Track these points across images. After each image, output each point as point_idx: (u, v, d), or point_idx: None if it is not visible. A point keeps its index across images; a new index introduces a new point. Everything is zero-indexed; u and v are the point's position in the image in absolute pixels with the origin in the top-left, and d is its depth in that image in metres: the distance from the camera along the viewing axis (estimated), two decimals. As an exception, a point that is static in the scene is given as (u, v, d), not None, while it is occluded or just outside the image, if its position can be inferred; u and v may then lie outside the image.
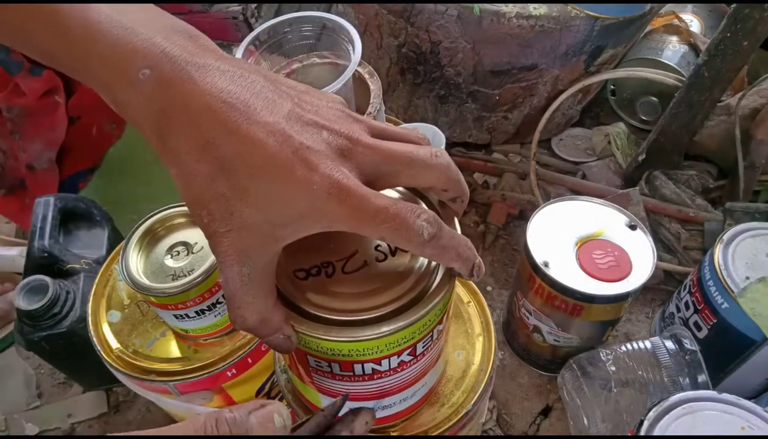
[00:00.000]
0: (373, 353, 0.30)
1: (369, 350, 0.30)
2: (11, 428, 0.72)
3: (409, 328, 0.29)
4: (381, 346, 0.30)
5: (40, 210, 0.65)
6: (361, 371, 0.32)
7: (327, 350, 0.30)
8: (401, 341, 0.30)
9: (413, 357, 0.32)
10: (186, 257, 0.45)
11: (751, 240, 0.64)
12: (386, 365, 0.32)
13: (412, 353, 0.32)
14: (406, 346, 0.31)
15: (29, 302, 0.59)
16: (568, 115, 1.01)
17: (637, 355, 0.63)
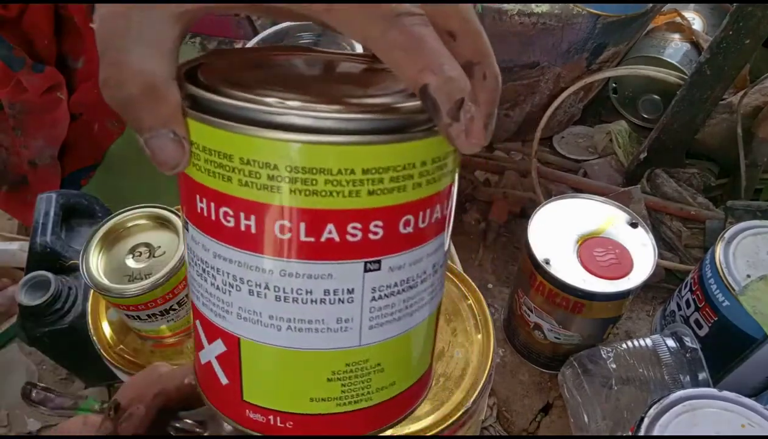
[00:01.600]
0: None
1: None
2: (13, 423, 0.72)
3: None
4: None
5: (42, 206, 0.65)
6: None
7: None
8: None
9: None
10: (147, 260, 0.45)
11: (752, 238, 0.64)
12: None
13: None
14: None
15: (31, 298, 0.59)
16: (570, 113, 1.01)
17: (637, 353, 0.63)
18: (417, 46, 0.18)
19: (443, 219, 0.23)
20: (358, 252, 0.20)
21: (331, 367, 0.21)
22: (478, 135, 0.19)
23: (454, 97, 0.18)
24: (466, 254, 0.88)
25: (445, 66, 0.18)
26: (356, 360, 0.21)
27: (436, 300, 0.24)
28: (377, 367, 0.22)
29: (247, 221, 0.19)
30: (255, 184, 0.18)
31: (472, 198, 0.95)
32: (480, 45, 0.20)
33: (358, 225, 0.19)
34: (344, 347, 0.21)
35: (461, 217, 0.93)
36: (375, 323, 0.21)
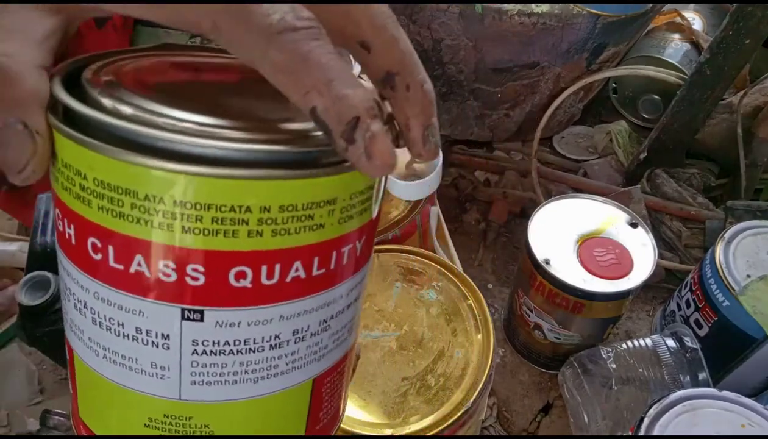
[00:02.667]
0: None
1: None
2: (13, 423, 0.72)
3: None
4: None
5: (42, 206, 0.65)
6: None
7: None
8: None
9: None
10: None
11: (752, 238, 0.64)
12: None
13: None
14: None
15: (32, 298, 0.59)
16: (570, 113, 1.01)
17: (637, 353, 0.63)
18: (300, 65, 0.16)
19: (329, 275, 0.18)
20: (174, 295, 0.17)
21: (147, 413, 0.19)
22: (383, 155, 0.16)
23: (346, 118, 0.16)
24: (466, 254, 0.88)
25: (333, 83, 0.16)
26: (176, 414, 0.19)
27: (322, 363, 0.20)
28: (204, 428, 0.19)
29: (69, 229, 0.17)
30: (72, 192, 0.17)
31: (472, 198, 0.95)
32: (397, 54, 0.18)
33: (171, 264, 0.16)
34: (161, 396, 0.18)
35: (461, 217, 0.93)
36: (198, 380, 0.18)
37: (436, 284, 0.52)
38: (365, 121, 0.16)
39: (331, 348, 0.20)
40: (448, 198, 0.95)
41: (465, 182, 0.96)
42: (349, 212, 0.18)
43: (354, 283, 0.20)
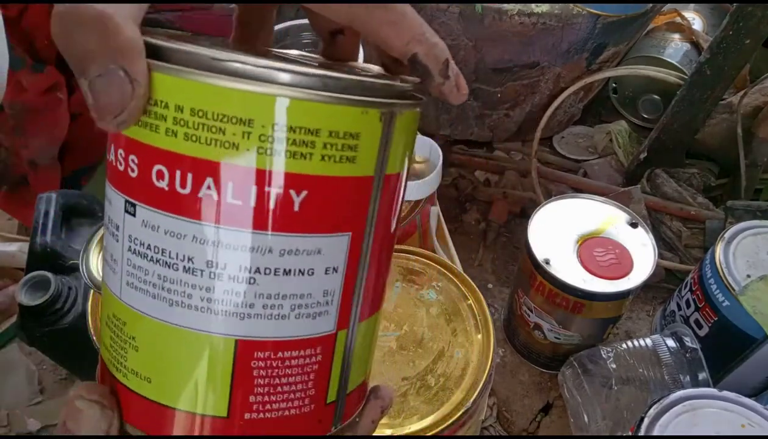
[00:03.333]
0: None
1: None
2: (13, 423, 0.72)
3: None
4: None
5: (42, 206, 0.65)
6: None
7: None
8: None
9: None
10: None
11: (752, 238, 0.64)
12: None
13: None
14: None
15: (31, 298, 0.59)
16: (570, 113, 1.01)
17: (637, 353, 0.63)
18: (401, 19, 0.20)
19: (261, 213, 0.17)
20: (120, 184, 0.18)
21: (107, 309, 0.20)
22: (464, 86, 0.21)
23: (441, 60, 0.20)
24: (466, 254, 0.88)
25: (426, 34, 0.20)
26: (115, 314, 0.19)
27: (249, 326, 0.18)
28: (132, 340, 0.19)
29: None
30: None
31: (472, 198, 0.95)
32: None
33: (121, 152, 0.18)
34: (112, 292, 0.19)
35: (461, 217, 0.93)
36: (128, 281, 0.18)
37: (436, 284, 0.52)
38: (450, 62, 0.21)
39: (265, 314, 0.18)
40: (448, 198, 0.95)
41: (465, 182, 0.96)
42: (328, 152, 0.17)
43: (322, 244, 0.18)
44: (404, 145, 0.20)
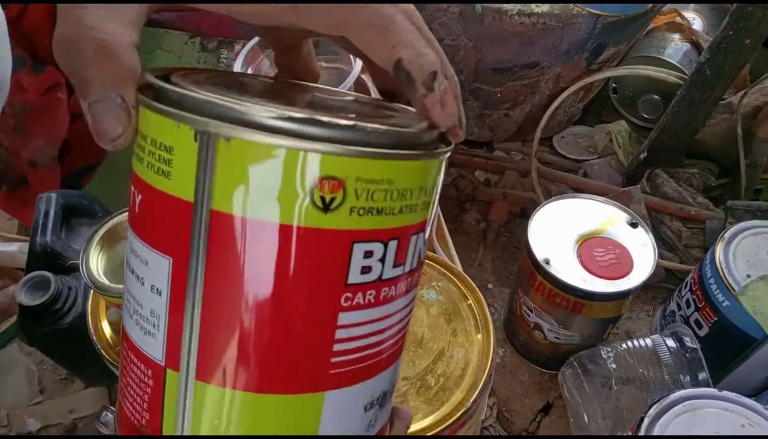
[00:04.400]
0: None
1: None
2: (13, 423, 0.72)
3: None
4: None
5: (42, 206, 0.65)
6: None
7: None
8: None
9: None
10: None
11: (752, 238, 0.64)
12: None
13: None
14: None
15: (31, 298, 0.59)
16: (570, 113, 1.01)
17: (637, 353, 0.63)
18: (388, 23, 0.19)
19: None
20: None
21: None
22: (452, 105, 0.20)
23: (428, 69, 0.19)
24: (466, 254, 0.88)
25: (415, 42, 0.19)
26: None
27: None
28: None
29: None
30: None
31: (472, 198, 0.95)
32: (437, 49, 0.21)
33: None
34: None
35: (461, 217, 0.93)
36: None
37: (436, 284, 0.52)
38: (440, 75, 0.19)
39: (127, 307, 0.20)
40: (448, 198, 0.95)
41: (465, 182, 0.96)
42: None
43: (149, 256, 0.19)
44: (260, 187, 0.16)
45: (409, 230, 0.19)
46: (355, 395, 0.20)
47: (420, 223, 0.20)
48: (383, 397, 0.21)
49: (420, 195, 0.19)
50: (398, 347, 0.22)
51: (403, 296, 0.20)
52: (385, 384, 0.21)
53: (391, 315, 0.20)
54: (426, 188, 0.19)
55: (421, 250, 0.21)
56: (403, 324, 0.21)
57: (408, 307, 0.21)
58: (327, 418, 0.19)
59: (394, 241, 0.19)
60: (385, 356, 0.21)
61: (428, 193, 0.19)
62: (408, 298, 0.21)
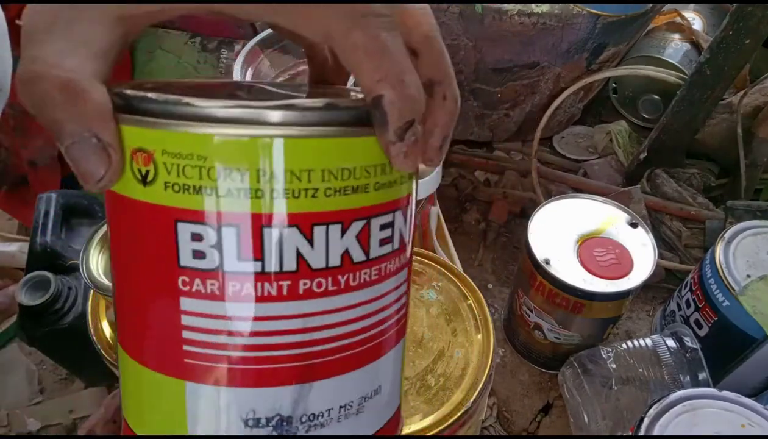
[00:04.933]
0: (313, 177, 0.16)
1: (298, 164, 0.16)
2: (13, 423, 0.72)
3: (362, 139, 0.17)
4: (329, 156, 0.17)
5: (42, 206, 0.65)
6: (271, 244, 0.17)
7: (200, 169, 0.16)
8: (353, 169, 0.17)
9: (391, 238, 0.19)
10: None
11: (752, 238, 0.64)
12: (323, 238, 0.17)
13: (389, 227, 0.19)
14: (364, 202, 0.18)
15: (31, 298, 0.59)
16: (570, 113, 1.01)
17: (637, 353, 0.63)
18: (379, 52, 0.16)
19: None
20: None
21: None
22: (416, 158, 0.18)
23: (406, 117, 0.17)
24: (466, 254, 0.88)
25: (405, 80, 0.17)
26: None
27: None
28: None
29: None
30: None
31: (472, 198, 0.95)
32: (442, 65, 0.19)
33: None
34: None
35: (461, 217, 0.93)
36: None
37: (436, 284, 0.52)
38: (416, 126, 0.17)
39: None
40: (448, 198, 0.95)
41: (465, 182, 0.96)
42: None
43: None
44: None
45: (258, 219, 0.17)
46: (225, 400, 0.18)
47: (280, 214, 0.17)
48: (280, 420, 0.18)
49: (272, 181, 0.16)
50: (297, 365, 0.18)
51: (287, 301, 0.17)
52: (279, 404, 0.18)
53: (265, 319, 0.17)
54: (271, 173, 0.16)
55: (307, 254, 0.17)
56: (304, 339, 0.18)
57: (309, 318, 0.18)
58: (191, 413, 0.18)
59: (232, 228, 0.17)
60: (273, 369, 0.18)
61: (287, 180, 0.16)
62: (299, 306, 0.18)
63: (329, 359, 0.18)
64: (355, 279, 0.18)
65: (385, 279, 0.19)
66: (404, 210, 0.19)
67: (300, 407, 0.18)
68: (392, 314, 0.20)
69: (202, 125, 0.16)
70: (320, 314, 0.18)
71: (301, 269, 0.17)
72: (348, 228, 0.17)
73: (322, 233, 0.17)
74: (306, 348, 0.18)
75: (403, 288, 0.20)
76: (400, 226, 0.19)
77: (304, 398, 0.18)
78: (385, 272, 0.19)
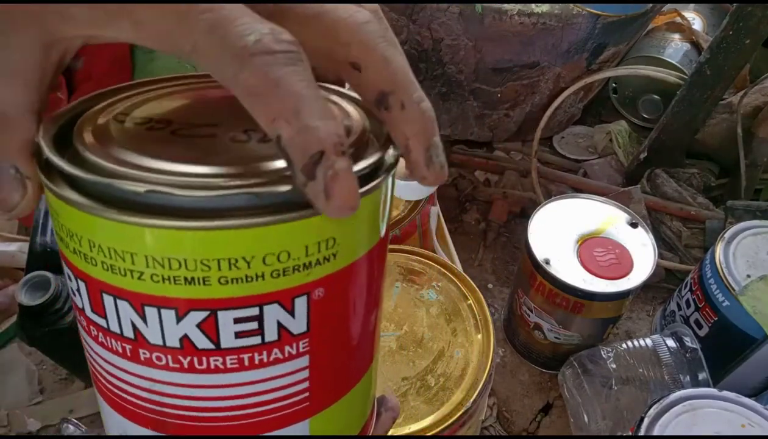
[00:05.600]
0: None
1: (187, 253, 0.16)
2: (13, 423, 0.72)
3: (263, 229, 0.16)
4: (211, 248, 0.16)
5: (43, 206, 0.65)
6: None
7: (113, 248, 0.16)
8: None
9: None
10: None
11: (752, 238, 0.64)
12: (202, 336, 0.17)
13: None
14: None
15: (31, 298, 0.59)
16: (570, 113, 1.01)
17: (637, 353, 0.63)
18: (270, 90, 0.15)
19: None
20: None
21: None
22: (344, 195, 0.15)
23: (309, 151, 0.15)
24: (466, 254, 0.88)
25: (302, 113, 0.15)
26: None
27: None
28: None
29: None
30: None
31: (472, 198, 0.95)
32: (389, 72, 0.18)
33: None
34: None
35: (461, 217, 0.93)
36: None
37: (436, 284, 0.52)
38: (330, 156, 0.15)
39: None
40: (448, 198, 0.95)
41: (465, 182, 0.96)
42: None
43: None
44: None
45: (98, 284, 0.17)
46: (113, 420, 0.21)
47: (113, 286, 0.17)
48: None
49: (109, 254, 0.17)
50: (151, 416, 0.19)
51: (130, 361, 0.18)
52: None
53: (115, 367, 0.19)
54: (108, 248, 0.16)
55: (142, 328, 0.17)
56: (152, 397, 0.19)
57: (155, 384, 0.18)
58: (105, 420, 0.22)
59: (83, 283, 0.18)
60: (133, 410, 0.20)
61: (120, 257, 0.16)
62: (141, 369, 0.18)
63: (181, 423, 0.19)
64: (202, 363, 0.18)
65: (250, 369, 0.18)
66: (285, 301, 0.17)
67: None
68: (268, 401, 0.19)
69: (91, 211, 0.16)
70: (162, 383, 0.18)
71: (139, 339, 0.17)
72: (184, 315, 0.17)
73: (155, 313, 0.17)
74: (156, 406, 0.19)
75: (292, 378, 0.19)
76: (278, 317, 0.17)
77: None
78: (249, 363, 0.18)
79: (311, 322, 0.18)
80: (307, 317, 0.18)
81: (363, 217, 0.18)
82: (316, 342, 0.19)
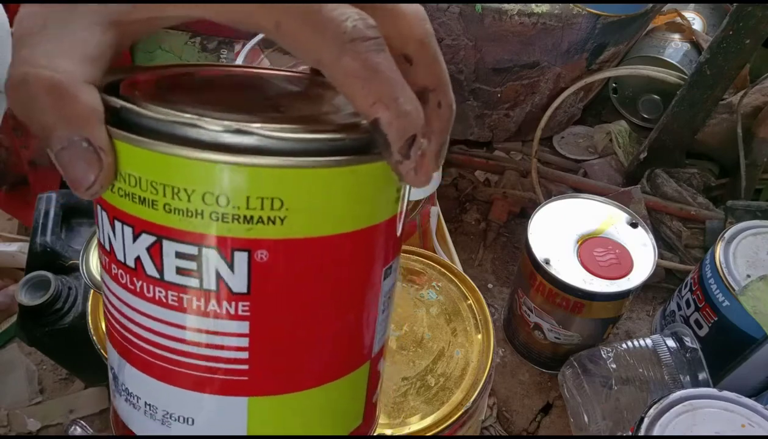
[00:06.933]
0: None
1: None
2: (13, 423, 0.72)
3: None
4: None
5: (42, 206, 0.65)
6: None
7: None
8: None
9: None
10: None
11: (752, 238, 0.64)
12: None
13: None
14: None
15: (31, 298, 0.59)
16: (570, 113, 1.01)
17: (637, 353, 0.63)
18: (371, 75, 0.16)
19: None
20: None
21: None
22: (427, 171, 0.18)
23: (406, 135, 0.17)
24: (466, 254, 0.88)
25: (399, 99, 0.17)
26: None
27: None
28: None
29: None
30: None
31: (472, 198, 0.95)
32: (437, 71, 0.19)
33: None
34: None
35: (461, 217, 0.93)
36: None
37: (436, 284, 0.52)
38: (420, 139, 0.18)
39: None
40: (448, 198, 0.95)
41: (465, 182, 0.96)
42: None
43: None
44: None
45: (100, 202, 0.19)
46: None
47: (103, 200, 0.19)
48: (114, 375, 0.22)
49: None
50: (119, 340, 0.21)
51: (111, 281, 0.20)
52: (114, 362, 0.21)
53: (110, 292, 0.20)
54: None
55: (113, 241, 0.19)
56: (121, 320, 0.20)
57: (122, 305, 0.20)
58: None
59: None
60: (111, 332, 0.21)
61: None
62: (115, 288, 0.20)
63: (135, 352, 0.20)
64: (149, 291, 0.19)
65: (189, 312, 0.19)
66: (224, 250, 0.18)
67: (121, 375, 0.21)
68: (203, 356, 0.19)
69: None
70: (125, 305, 0.20)
71: (111, 252, 0.19)
72: (137, 236, 0.18)
73: (120, 228, 0.18)
74: (122, 329, 0.20)
75: (230, 341, 0.19)
76: (216, 265, 0.18)
77: (122, 370, 0.21)
78: (188, 306, 0.19)
79: (252, 285, 0.18)
80: (248, 278, 0.18)
81: (316, 190, 0.18)
82: (259, 311, 0.19)
